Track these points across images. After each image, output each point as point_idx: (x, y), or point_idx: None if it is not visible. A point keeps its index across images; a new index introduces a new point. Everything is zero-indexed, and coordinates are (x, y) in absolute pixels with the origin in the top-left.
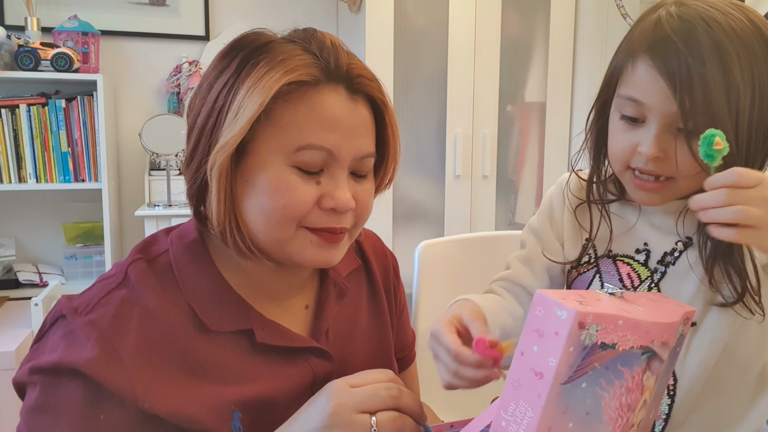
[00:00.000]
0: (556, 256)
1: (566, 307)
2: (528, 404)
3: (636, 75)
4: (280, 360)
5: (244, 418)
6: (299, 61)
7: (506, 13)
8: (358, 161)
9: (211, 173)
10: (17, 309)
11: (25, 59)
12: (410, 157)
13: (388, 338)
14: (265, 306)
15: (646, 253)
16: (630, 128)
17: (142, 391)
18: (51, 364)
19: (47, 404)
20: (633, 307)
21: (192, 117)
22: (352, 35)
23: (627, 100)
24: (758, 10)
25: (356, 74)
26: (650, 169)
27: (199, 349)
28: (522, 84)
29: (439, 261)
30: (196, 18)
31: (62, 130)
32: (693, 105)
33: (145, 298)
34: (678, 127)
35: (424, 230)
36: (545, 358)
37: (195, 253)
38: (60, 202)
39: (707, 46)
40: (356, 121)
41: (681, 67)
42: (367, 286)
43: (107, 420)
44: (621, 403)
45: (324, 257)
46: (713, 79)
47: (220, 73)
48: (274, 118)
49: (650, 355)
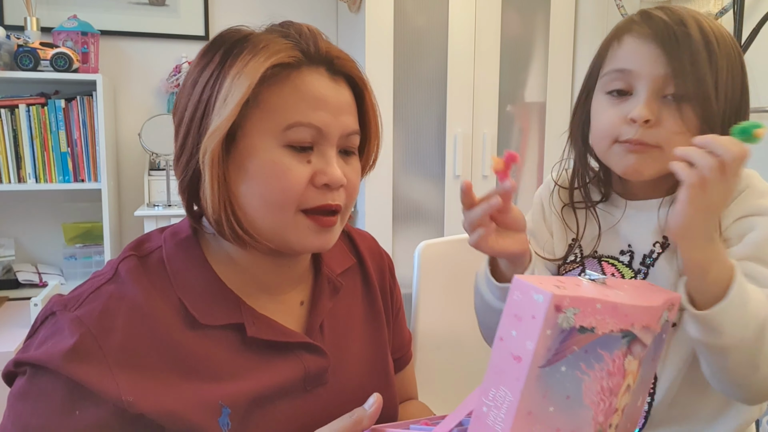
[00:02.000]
0: (549, 254)
1: (543, 291)
2: (507, 388)
3: (623, 47)
4: (271, 355)
5: (233, 414)
6: (281, 45)
7: (506, 13)
8: (345, 138)
9: (203, 160)
10: (17, 309)
11: (25, 59)
12: (410, 158)
13: (383, 337)
14: (259, 301)
15: (630, 254)
16: (617, 102)
17: (126, 388)
18: (35, 359)
19: (29, 393)
20: (613, 292)
21: (178, 114)
22: (351, 35)
23: (614, 74)
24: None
25: (335, 56)
26: (639, 138)
27: (188, 345)
28: (522, 84)
29: (438, 261)
30: (196, 18)
31: (62, 130)
32: (682, 67)
33: (134, 294)
34: (665, 94)
35: (424, 230)
36: (523, 342)
37: (188, 249)
38: (59, 202)
39: (688, 17)
40: (340, 99)
41: (668, 31)
42: (362, 284)
43: (82, 417)
44: (602, 387)
45: (320, 241)
46: (697, 43)
47: (204, 68)
48: (261, 102)
49: (630, 338)
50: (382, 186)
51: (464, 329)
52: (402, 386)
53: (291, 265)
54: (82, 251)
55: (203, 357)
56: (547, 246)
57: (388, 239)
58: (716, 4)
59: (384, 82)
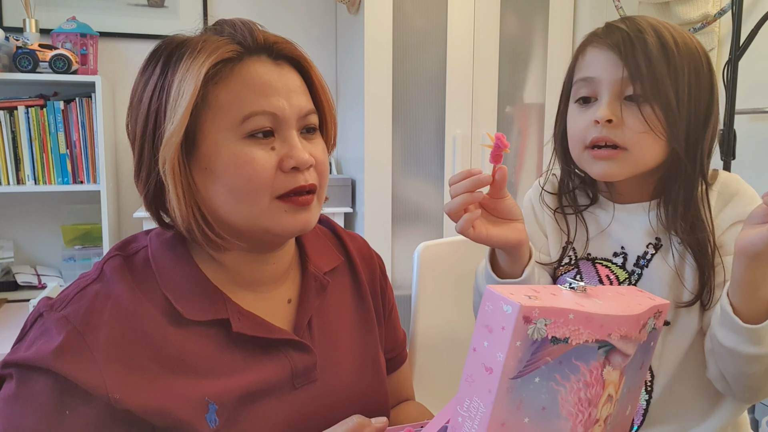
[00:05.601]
0: (545, 255)
1: (511, 302)
2: (480, 400)
3: (585, 58)
4: (257, 352)
5: (221, 411)
6: (218, 42)
7: (505, 15)
8: (303, 119)
9: (164, 170)
10: (15, 311)
11: (24, 61)
12: (409, 159)
13: (374, 336)
14: (245, 299)
15: (624, 256)
16: (584, 108)
17: (113, 385)
18: (23, 360)
19: (18, 395)
20: (591, 301)
21: (131, 130)
22: (350, 36)
23: (580, 83)
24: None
25: (273, 41)
26: (605, 136)
27: (174, 342)
28: (521, 85)
29: (438, 262)
30: (195, 20)
31: (61, 131)
32: (637, 68)
33: (119, 292)
34: (626, 96)
35: (423, 232)
36: (494, 353)
37: (173, 247)
38: (58, 204)
39: (645, 25)
40: (288, 82)
41: (624, 38)
42: (352, 283)
43: (72, 416)
44: (580, 398)
45: (299, 222)
46: (653, 46)
47: (147, 82)
48: (212, 101)
49: (608, 348)
50: (382, 187)
51: (463, 330)
52: (397, 387)
53: (273, 261)
54: (81, 253)
55: (189, 353)
56: (544, 248)
57: (387, 241)
58: (715, 5)
59: (383, 83)
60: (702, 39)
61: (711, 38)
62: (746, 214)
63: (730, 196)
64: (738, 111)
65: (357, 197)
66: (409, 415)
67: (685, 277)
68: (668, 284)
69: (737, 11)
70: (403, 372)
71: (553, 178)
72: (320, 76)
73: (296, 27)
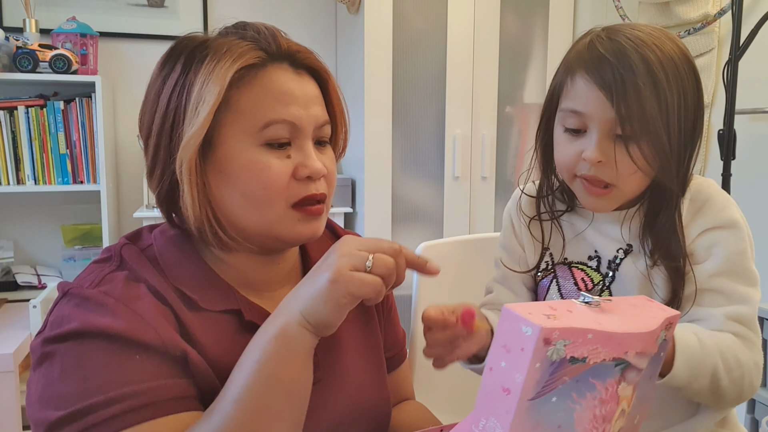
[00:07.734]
0: (522, 267)
1: (531, 323)
2: (497, 420)
3: (575, 89)
4: None
5: None
6: (243, 47)
7: (505, 15)
8: (319, 129)
9: (180, 171)
10: (16, 311)
11: (24, 61)
12: (409, 159)
13: (375, 335)
14: (250, 298)
15: (597, 259)
16: (573, 139)
17: (170, 339)
18: (71, 331)
19: (72, 367)
20: (608, 318)
21: (146, 127)
22: (350, 36)
23: (569, 113)
24: (757, 10)
25: (295, 50)
26: (593, 175)
27: (194, 325)
28: (521, 85)
29: (438, 262)
30: (195, 19)
31: (61, 131)
32: (628, 110)
33: (147, 276)
34: (616, 134)
35: (424, 231)
36: (512, 374)
37: (180, 245)
38: (58, 204)
39: (636, 60)
40: (307, 92)
41: (615, 77)
42: None
43: (142, 360)
44: (595, 415)
45: (310, 230)
46: (644, 87)
47: (165, 78)
48: (233, 105)
49: (624, 366)
50: (382, 187)
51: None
52: (397, 385)
53: (278, 263)
54: (81, 253)
55: (207, 336)
56: (521, 260)
57: None
58: (714, 5)
59: (383, 84)
60: (702, 39)
61: (711, 38)
62: (717, 221)
63: (701, 203)
64: (738, 111)
65: (357, 197)
66: (410, 415)
67: (656, 283)
68: (638, 288)
69: (737, 11)
70: (403, 371)
71: (531, 184)
72: (337, 87)
73: (296, 27)
